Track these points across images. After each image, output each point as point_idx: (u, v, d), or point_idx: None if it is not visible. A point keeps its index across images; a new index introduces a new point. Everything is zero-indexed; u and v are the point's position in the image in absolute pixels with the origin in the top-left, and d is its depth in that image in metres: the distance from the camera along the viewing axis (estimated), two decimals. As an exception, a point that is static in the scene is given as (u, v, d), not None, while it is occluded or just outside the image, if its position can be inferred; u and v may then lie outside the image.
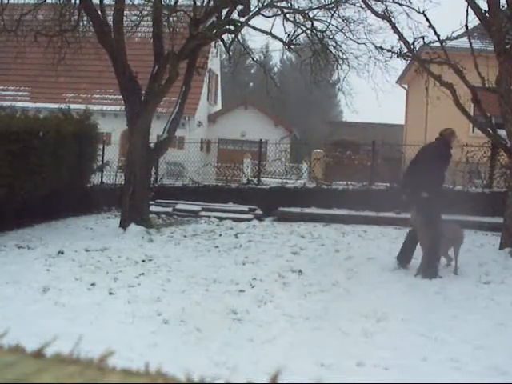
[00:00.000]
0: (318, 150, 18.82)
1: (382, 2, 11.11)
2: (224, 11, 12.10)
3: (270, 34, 13.13)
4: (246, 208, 13.70)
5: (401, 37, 10.06)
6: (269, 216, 13.37)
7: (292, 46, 13.74)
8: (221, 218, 12.80)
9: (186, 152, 18.29)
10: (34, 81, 23.63)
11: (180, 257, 8.53)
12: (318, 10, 13.07)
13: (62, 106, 14.07)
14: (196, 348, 4.62)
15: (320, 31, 13.30)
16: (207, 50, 17.05)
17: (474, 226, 11.41)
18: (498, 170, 13.30)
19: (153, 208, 12.67)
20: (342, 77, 14.67)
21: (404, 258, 8.15)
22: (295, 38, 13.41)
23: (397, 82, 22.11)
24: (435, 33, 9.77)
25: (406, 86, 24.19)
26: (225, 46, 13.39)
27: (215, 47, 18.19)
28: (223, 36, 13.00)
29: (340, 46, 13.44)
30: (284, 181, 15.30)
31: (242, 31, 13.16)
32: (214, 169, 18.35)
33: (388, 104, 18.51)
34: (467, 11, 9.44)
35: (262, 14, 12.61)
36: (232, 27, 12.28)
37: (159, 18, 11.62)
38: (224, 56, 22.04)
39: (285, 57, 41.26)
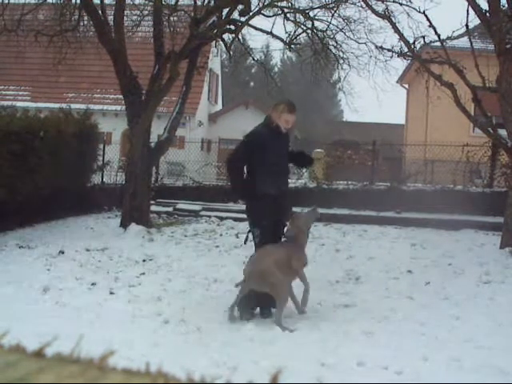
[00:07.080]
0: (319, 150, 18.79)
1: (383, 2, 11.10)
2: (224, 11, 12.09)
3: (270, 33, 13.14)
4: (246, 208, 13.68)
5: (401, 36, 10.06)
6: (269, 216, 13.35)
7: (292, 46, 13.75)
8: (221, 218, 12.79)
9: (187, 152, 18.29)
10: (34, 80, 23.66)
11: (181, 256, 8.53)
12: (318, 9, 13.08)
13: (63, 105, 14.06)
14: (196, 348, 4.62)
15: (320, 31, 13.31)
16: (208, 49, 17.04)
17: (475, 225, 11.42)
18: (499, 170, 13.30)
19: (153, 208, 12.67)
20: (342, 76, 14.72)
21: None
22: (296, 37, 13.42)
23: (397, 82, 22.12)
24: (436, 32, 9.76)
25: (406, 86, 24.20)
26: (225, 45, 13.39)
27: (216, 47, 18.17)
28: (224, 36, 13.00)
29: (340, 46, 13.45)
30: (284, 180, 15.28)
31: (243, 31, 13.17)
32: (215, 168, 18.33)
33: (388, 104, 18.56)
34: (468, 11, 9.43)
35: (263, 14, 12.61)
36: (232, 27, 12.28)
37: (160, 18, 11.62)
38: (224, 56, 22.08)
39: (285, 56, 41.32)
